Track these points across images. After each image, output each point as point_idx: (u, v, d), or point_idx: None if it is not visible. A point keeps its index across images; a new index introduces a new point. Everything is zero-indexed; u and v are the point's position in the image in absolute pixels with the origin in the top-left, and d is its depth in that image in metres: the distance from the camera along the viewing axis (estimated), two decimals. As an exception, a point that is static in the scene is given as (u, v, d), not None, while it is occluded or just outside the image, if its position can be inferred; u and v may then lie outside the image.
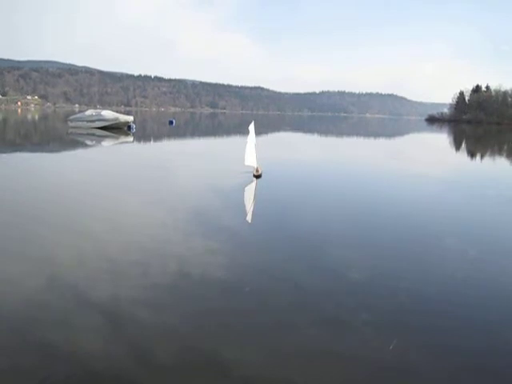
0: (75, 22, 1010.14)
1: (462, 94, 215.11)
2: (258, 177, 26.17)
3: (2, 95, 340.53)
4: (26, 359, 7.49)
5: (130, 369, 7.32)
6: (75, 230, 14.81)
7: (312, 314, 9.39)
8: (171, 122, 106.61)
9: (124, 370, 7.27)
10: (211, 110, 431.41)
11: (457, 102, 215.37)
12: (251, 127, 26.87)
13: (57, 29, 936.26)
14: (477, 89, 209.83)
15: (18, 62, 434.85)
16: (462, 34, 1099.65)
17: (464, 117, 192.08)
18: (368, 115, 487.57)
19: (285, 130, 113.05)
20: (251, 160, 26.52)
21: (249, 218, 17.58)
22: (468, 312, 9.86)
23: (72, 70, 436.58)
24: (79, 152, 42.71)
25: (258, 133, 28.07)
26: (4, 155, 37.52)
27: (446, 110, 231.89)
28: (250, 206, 19.54)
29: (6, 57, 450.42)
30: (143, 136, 66.24)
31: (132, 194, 21.09)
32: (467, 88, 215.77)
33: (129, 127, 69.24)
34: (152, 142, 60.33)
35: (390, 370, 7.57)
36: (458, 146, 69.08)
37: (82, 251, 12.81)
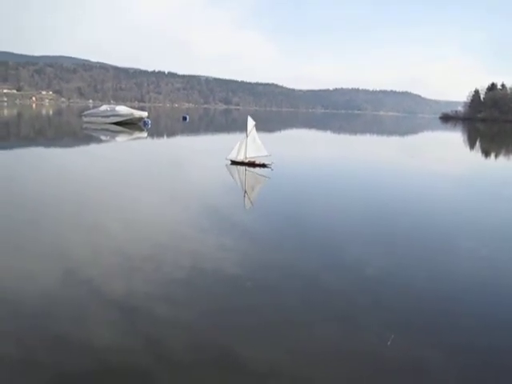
0: (90, 19, 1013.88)
1: (477, 92, 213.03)
2: (260, 165, 27.67)
3: (17, 90, 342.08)
4: (43, 351, 7.65)
5: (144, 362, 7.44)
6: (91, 227, 14.99)
7: (325, 312, 9.47)
8: (185, 118, 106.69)
9: (138, 363, 7.39)
10: (225, 107, 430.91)
11: (472, 100, 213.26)
12: (249, 121, 27.91)
13: (72, 25, 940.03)
14: (492, 87, 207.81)
15: (33, 57, 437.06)
16: (478, 34, 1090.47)
17: (479, 115, 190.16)
18: (382, 113, 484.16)
19: (298, 127, 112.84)
20: (258, 152, 27.91)
21: (261, 213, 17.67)
22: (482, 310, 9.87)
23: (86, 66, 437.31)
24: (94, 148, 42.95)
25: (272, 130, 28.20)
26: (20, 150, 37.85)
27: (460, 108, 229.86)
28: (255, 199, 19.68)
29: (21, 52, 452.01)
30: (157, 132, 66.48)
31: (148, 191, 21.23)
32: (482, 86, 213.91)
33: (144, 123, 69.50)
34: (166, 138, 60.53)
35: (403, 368, 7.64)
36: (472, 145, 68.60)
37: (99, 247, 12.98)
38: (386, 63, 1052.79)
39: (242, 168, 27.34)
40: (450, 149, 59.37)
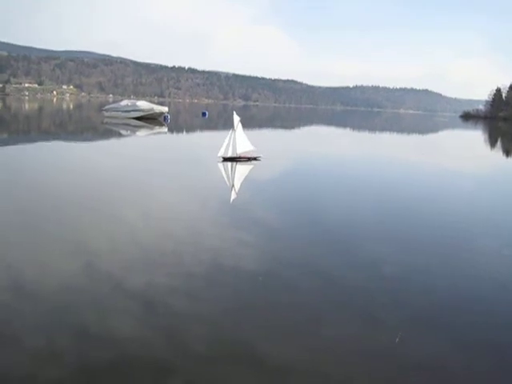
0: (111, 14, 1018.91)
1: (498, 90, 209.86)
2: (250, 159, 28.46)
3: (39, 84, 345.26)
4: (63, 341, 7.78)
5: (162, 354, 7.55)
6: (100, 220, 15.21)
7: (344, 309, 9.55)
8: (204, 114, 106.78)
9: (156, 355, 7.49)
10: (244, 103, 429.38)
11: (493, 98, 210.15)
12: (236, 117, 28.31)
13: (92, 20, 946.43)
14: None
15: (55, 51, 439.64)
16: (501, 29, 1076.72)
17: (500, 114, 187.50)
18: (402, 111, 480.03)
19: (318, 124, 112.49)
20: (245, 146, 28.45)
21: (276, 209, 17.72)
22: (501, 308, 9.88)
23: (107, 61, 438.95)
24: (115, 143, 43.35)
25: (292, 126, 28.19)
26: (40, 144, 38.28)
27: (481, 107, 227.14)
28: (270, 195, 19.71)
29: (42, 46, 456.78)
30: (177, 127, 66.85)
31: (162, 187, 21.44)
32: (504, 84, 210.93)
33: (164, 118, 69.99)
34: (185, 133, 60.85)
35: (422, 367, 7.65)
36: (492, 144, 67.93)
37: (109, 239, 13.17)
38: (407, 61, 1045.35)
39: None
40: (470, 147, 58.87)
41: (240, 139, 28.02)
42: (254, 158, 28.65)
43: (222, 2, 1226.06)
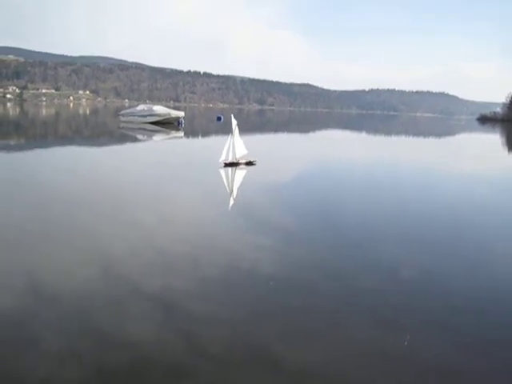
0: (126, 20, 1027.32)
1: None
2: (247, 164, 28.85)
3: (56, 90, 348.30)
4: (83, 344, 7.83)
5: (179, 356, 7.59)
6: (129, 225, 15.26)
7: (361, 313, 9.47)
8: (219, 119, 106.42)
9: (174, 358, 7.55)
10: (259, 107, 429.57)
11: (510, 101, 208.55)
12: (233, 121, 28.38)
13: (108, 26, 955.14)
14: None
15: (71, 57, 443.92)
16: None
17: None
18: (418, 114, 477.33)
19: (333, 127, 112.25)
20: (241, 151, 28.73)
21: (293, 213, 17.69)
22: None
23: (123, 66, 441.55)
24: (131, 148, 43.64)
25: (307, 130, 28.14)
26: (59, 149, 38.58)
27: (498, 110, 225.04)
28: (285, 199, 19.67)
29: (59, 52, 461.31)
30: (193, 132, 67.12)
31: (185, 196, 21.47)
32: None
33: (178, 122, 70.01)
34: (201, 138, 61.02)
35: (440, 370, 7.57)
36: (511, 148, 67.38)
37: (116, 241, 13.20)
38: (422, 64, 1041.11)
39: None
40: (488, 150, 58.36)
41: (238, 144, 28.22)
42: (251, 163, 28.99)
43: (237, 7, 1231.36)
